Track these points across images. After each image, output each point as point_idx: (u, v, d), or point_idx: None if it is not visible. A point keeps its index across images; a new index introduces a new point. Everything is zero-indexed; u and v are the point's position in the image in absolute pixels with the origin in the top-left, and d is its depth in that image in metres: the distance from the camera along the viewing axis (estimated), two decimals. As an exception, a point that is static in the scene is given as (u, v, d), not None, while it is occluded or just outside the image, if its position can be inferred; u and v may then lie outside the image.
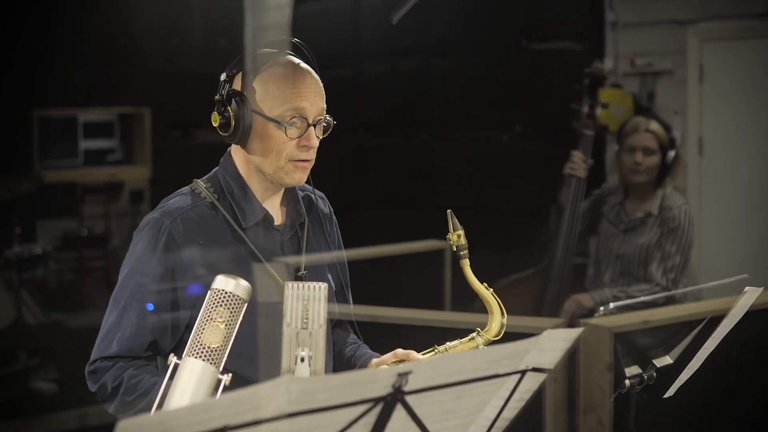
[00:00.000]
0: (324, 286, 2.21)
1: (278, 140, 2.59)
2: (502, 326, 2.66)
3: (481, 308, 5.32)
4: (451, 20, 8.34)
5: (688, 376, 2.81)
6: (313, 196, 2.86)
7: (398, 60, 8.89)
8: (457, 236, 2.68)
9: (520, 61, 7.94)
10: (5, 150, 8.73)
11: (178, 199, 2.66)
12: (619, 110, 7.06)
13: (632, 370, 2.83)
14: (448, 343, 2.66)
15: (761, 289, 2.72)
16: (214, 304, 2.26)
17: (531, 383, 2.08)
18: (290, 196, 2.76)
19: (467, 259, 2.67)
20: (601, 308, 3.29)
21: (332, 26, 9.55)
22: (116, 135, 10.32)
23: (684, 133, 7.01)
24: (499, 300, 2.68)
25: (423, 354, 2.64)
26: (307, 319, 2.17)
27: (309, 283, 2.20)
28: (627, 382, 2.81)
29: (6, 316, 7.44)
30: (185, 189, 2.69)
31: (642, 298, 4.17)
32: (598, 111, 5.24)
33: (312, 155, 2.64)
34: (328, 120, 2.67)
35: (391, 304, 3.83)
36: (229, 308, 2.25)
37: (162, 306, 2.58)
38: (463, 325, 3.65)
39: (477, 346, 2.62)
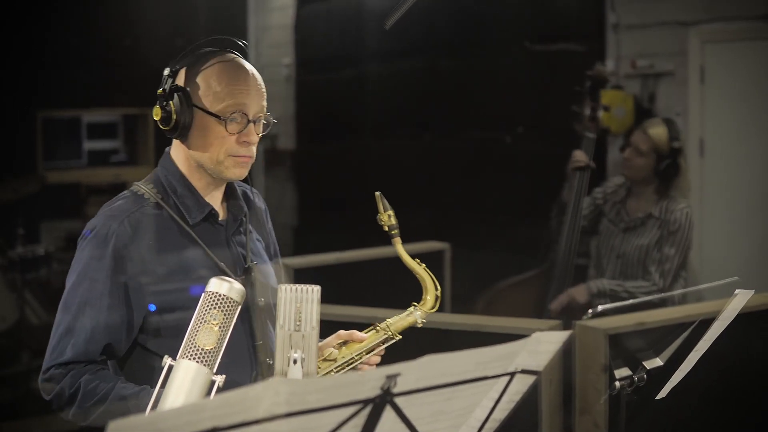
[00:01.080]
0: (317, 288, 2.23)
1: (218, 135, 2.64)
2: (437, 298, 2.76)
3: (481, 310, 5.33)
4: (455, 22, 8.35)
5: (680, 379, 2.83)
6: (249, 192, 2.90)
7: (401, 61, 8.90)
8: (388, 216, 2.74)
9: (523, 63, 7.95)
10: (9, 151, 8.75)
11: (122, 203, 2.69)
12: (620, 112, 7.07)
13: (622, 372, 2.84)
14: (388, 320, 2.75)
15: (752, 291, 2.74)
16: (208, 306, 2.28)
17: (521, 385, 2.10)
18: (231, 191, 2.81)
19: (399, 238, 2.74)
20: (590, 311, 3.29)
21: (336, 27, 9.57)
22: (120, 136, 10.34)
23: (685, 134, 7.02)
24: (431, 274, 2.76)
25: (364, 332, 2.73)
26: (299, 321, 2.20)
27: (302, 285, 2.22)
28: (617, 383, 2.83)
29: (9, 317, 7.46)
30: (126, 192, 2.74)
31: (640, 299, 4.18)
32: (600, 113, 5.26)
33: (252, 151, 2.70)
34: (268, 118, 2.73)
35: (391, 305, 3.84)
36: (222, 310, 2.28)
37: (115, 309, 2.61)
38: (462, 327, 3.68)
39: (416, 321, 2.73)
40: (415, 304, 2.75)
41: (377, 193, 2.76)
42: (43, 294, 7.80)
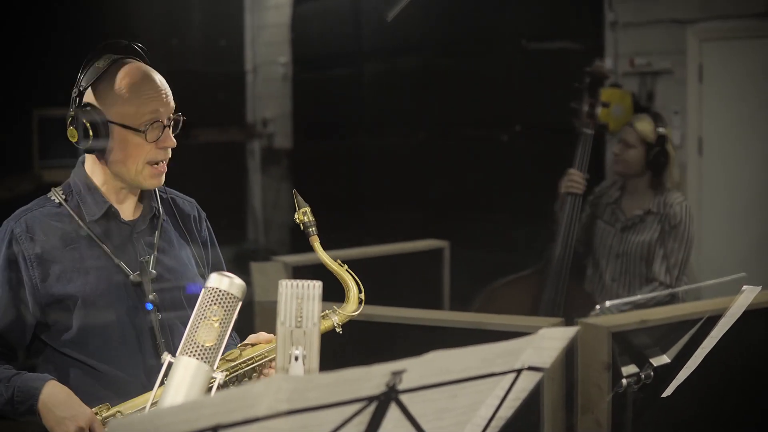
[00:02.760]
0: (318, 284, 2.20)
1: (137, 146, 2.65)
2: (360, 302, 2.62)
3: (477, 308, 5.31)
4: (451, 20, 8.33)
5: (686, 376, 2.80)
6: (178, 198, 2.92)
7: (398, 59, 8.88)
8: (303, 213, 2.63)
9: (520, 61, 7.93)
10: (5, 149, 8.72)
11: (29, 204, 2.75)
12: (618, 110, 7.05)
13: (629, 370, 2.81)
14: None
15: (759, 288, 2.71)
16: (208, 302, 2.25)
17: (527, 382, 2.06)
18: (145, 193, 2.81)
19: (316, 236, 2.62)
20: (597, 307, 3.27)
21: (332, 25, 9.55)
22: (115, 135, 10.31)
23: (683, 132, 7.00)
24: (354, 275, 2.64)
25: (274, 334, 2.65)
26: (300, 317, 2.16)
27: (303, 281, 2.19)
28: (624, 381, 2.80)
29: (6, 316, 7.42)
30: (43, 195, 2.78)
31: (640, 297, 4.16)
32: (599, 110, 5.25)
33: (168, 154, 2.71)
34: (177, 116, 2.72)
35: (389, 303, 3.83)
36: (223, 307, 2.25)
37: (8, 305, 2.65)
38: (461, 324, 3.66)
39: (333, 325, 2.60)
40: (335, 307, 2.62)
41: (293, 191, 2.67)
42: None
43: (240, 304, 2.29)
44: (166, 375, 2.27)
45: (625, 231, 5.08)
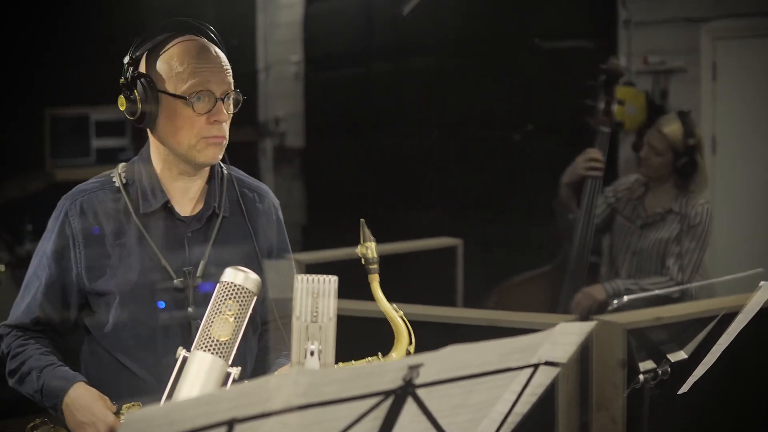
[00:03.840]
0: (334, 279, 2.19)
1: (187, 117, 2.57)
2: (408, 353, 2.46)
3: (493, 305, 5.30)
4: (463, 19, 8.31)
5: (703, 372, 2.79)
6: (247, 191, 2.82)
7: (410, 58, 8.86)
8: (366, 248, 2.46)
9: (533, 60, 7.91)
10: (17, 148, 8.72)
11: (89, 182, 2.71)
12: (632, 109, 7.02)
13: (646, 365, 2.79)
14: (341, 363, 2.42)
15: (776, 284, 2.69)
16: (223, 297, 2.24)
17: (544, 377, 2.05)
18: (209, 188, 2.72)
19: (377, 275, 2.45)
20: (615, 301, 3.26)
21: (344, 24, 9.53)
22: (128, 134, 10.30)
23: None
24: (408, 325, 2.48)
25: None
26: (316, 312, 2.15)
27: (318, 276, 2.18)
28: (641, 377, 2.78)
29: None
30: (105, 173, 2.72)
31: (656, 292, 4.14)
32: (614, 107, 5.20)
33: (224, 131, 2.62)
34: (237, 94, 2.65)
35: (403, 300, 3.81)
36: (238, 301, 2.24)
37: (53, 284, 2.64)
38: (475, 322, 3.64)
39: None
40: (380, 354, 2.50)
41: (361, 221, 2.51)
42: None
43: (255, 298, 2.28)
44: (180, 370, 2.26)
45: (645, 228, 5.05)
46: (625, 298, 3.16)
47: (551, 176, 5.33)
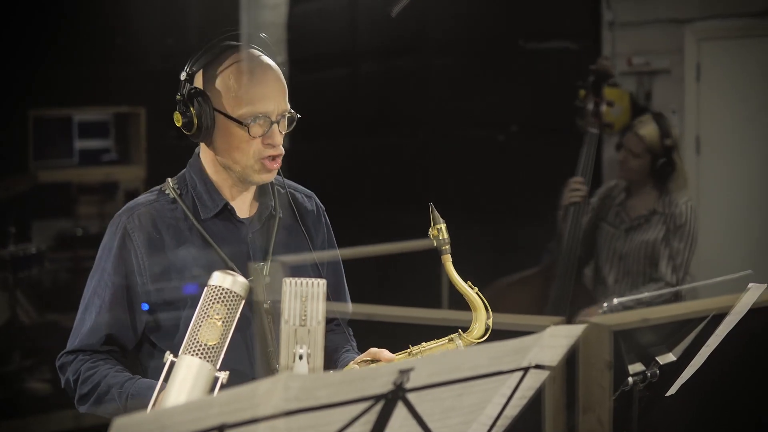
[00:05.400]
0: (322, 282, 2.18)
1: (242, 139, 2.57)
2: (487, 328, 2.50)
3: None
4: (448, 19, 8.30)
5: (691, 374, 2.79)
6: (296, 194, 2.84)
7: (395, 59, 8.86)
8: (437, 230, 2.53)
9: (517, 61, 7.91)
10: (0, 150, 8.69)
11: (142, 196, 2.69)
12: (616, 110, 7.04)
13: (635, 367, 2.79)
14: (423, 343, 2.51)
15: (765, 285, 2.70)
16: (210, 300, 2.23)
17: (534, 380, 2.05)
18: (262, 190, 2.73)
19: (449, 255, 2.52)
20: (605, 304, 3.26)
21: (329, 25, 9.52)
22: (111, 135, 10.28)
23: (681, 132, 6.99)
24: (484, 299, 2.53)
25: (397, 354, 2.53)
26: (305, 316, 2.14)
27: (307, 279, 2.17)
28: (630, 379, 2.78)
29: (0, 316, 7.40)
30: (155, 188, 2.70)
31: (649, 294, 4.15)
32: (603, 108, 5.19)
33: (279, 150, 2.62)
34: (292, 114, 2.65)
35: (389, 302, 3.81)
36: (226, 305, 2.23)
37: (118, 301, 2.60)
38: (461, 323, 3.63)
39: (456, 348, 2.46)
40: (461, 330, 2.50)
41: (430, 204, 2.56)
42: (34, 293, 7.76)
43: (243, 302, 2.27)
44: (168, 374, 2.24)
45: (630, 231, 5.05)
46: (615, 300, 3.15)
47: (535, 177, 5.34)
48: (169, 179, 2.69)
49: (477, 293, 2.53)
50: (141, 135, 9.81)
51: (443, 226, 2.53)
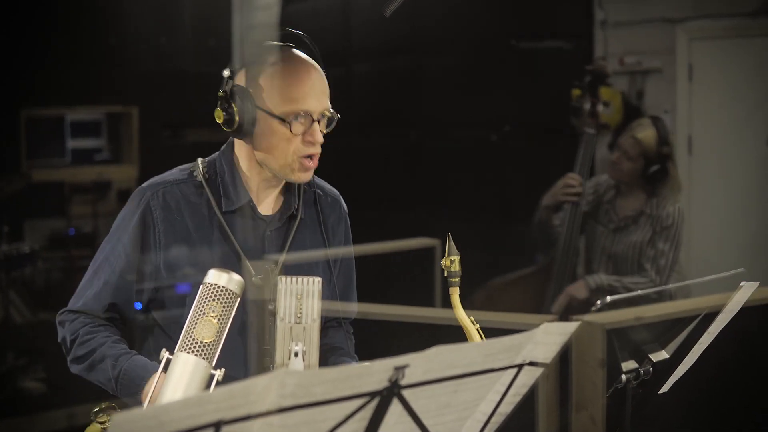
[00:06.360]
0: (318, 280, 2.19)
1: (283, 137, 2.58)
2: None
3: (478, 306, 5.30)
4: (441, 19, 8.31)
5: (684, 372, 2.80)
6: (322, 194, 2.86)
7: (388, 59, 8.87)
8: (450, 261, 2.50)
9: (510, 61, 7.92)
10: (-7, 149, 8.71)
11: (171, 173, 2.69)
12: (608, 109, 7.05)
13: (628, 365, 2.80)
14: None
15: (757, 283, 2.70)
16: (206, 298, 2.24)
17: (528, 377, 2.06)
18: (288, 188, 2.74)
19: (457, 288, 2.50)
20: (598, 302, 3.26)
21: (322, 25, 9.52)
22: (104, 134, 10.28)
23: (673, 131, 7.01)
24: (483, 336, 2.52)
25: None
26: (300, 313, 2.15)
27: (302, 277, 2.18)
28: (623, 377, 2.79)
29: (-6, 316, 7.41)
30: (186, 165, 2.71)
31: (640, 292, 4.15)
32: (600, 108, 5.19)
33: (318, 149, 2.64)
34: (332, 113, 2.67)
35: (382, 301, 3.82)
36: (221, 303, 2.24)
37: (128, 272, 2.62)
38: (454, 322, 3.64)
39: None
40: None
41: (448, 235, 2.53)
42: (27, 292, 7.76)
43: (239, 300, 2.28)
44: (164, 372, 2.25)
45: (618, 232, 5.05)
46: (608, 298, 3.16)
47: (528, 177, 5.35)
48: (200, 160, 2.70)
49: (478, 330, 2.53)
50: (133, 134, 9.82)
51: (457, 259, 2.49)
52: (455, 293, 2.50)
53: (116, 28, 9.22)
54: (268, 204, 2.71)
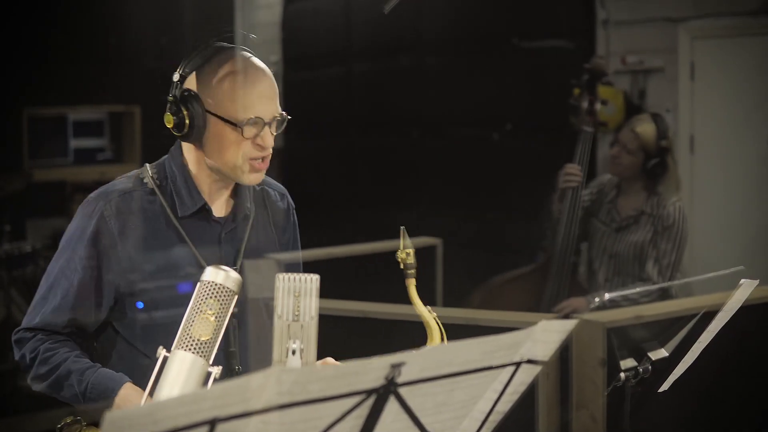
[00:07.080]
0: (316, 278, 2.19)
1: (234, 141, 2.57)
2: None
3: (476, 305, 5.30)
4: (442, 18, 8.31)
5: (683, 370, 2.79)
6: (271, 190, 2.85)
7: (389, 58, 8.87)
8: (406, 254, 2.54)
9: (511, 60, 7.92)
10: (-5, 148, 8.71)
11: (120, 181, 2.67)
12: (610, 108, 7.04)
13: (627, 363, 2.80)
14: None
15: (756, 282, 2.70)
16: (203, 296, 2.24)
17: (526, 376, 2.05)
18: (239, 189, 2.74)
19: (413, 279, 2.54)
20: (596, 299, 3.26)
21: (323, 24, 9.53)
22: (106, 134, 10.27)
23: (675, 130, 7.00)
24: (441, 326, 2.57)
25: None
26: (298, 311, 2.15)
27: (300, 275, 2.18)
28: (622, 375, 2.79)
29: (-5, 315, 7.41)
30: (133, 172, 2.69)
31: (638, 289, 4.15)
32: (598, 107, 5.19)
33: (269, 151, 2.62)
34: (282, 116, 2.65)
35: (383, 300, 3.81)
36: (219, 300, 2.23)
37: (86, 286, 2.59)
38: (453, 321, 3.64)
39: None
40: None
41: (402, 228, 2.56)
42: (29, 291, 7.75)
43: (236, 297, 2.28)
44: (161, 369, 2.25)
45: (620, 231, 5.04)
46: (607, 296, 3.16)
47: (529, 175, 5.34)
48: (148, 166, 2.69)
49: (435, 318, 2.57)
50: (136, 134, 9.82)
51: (412, 251, 2.55)
52: (412, 284, 2.54)
53: (118, 28, 9.23)
54: (220, 206, 2.70)
